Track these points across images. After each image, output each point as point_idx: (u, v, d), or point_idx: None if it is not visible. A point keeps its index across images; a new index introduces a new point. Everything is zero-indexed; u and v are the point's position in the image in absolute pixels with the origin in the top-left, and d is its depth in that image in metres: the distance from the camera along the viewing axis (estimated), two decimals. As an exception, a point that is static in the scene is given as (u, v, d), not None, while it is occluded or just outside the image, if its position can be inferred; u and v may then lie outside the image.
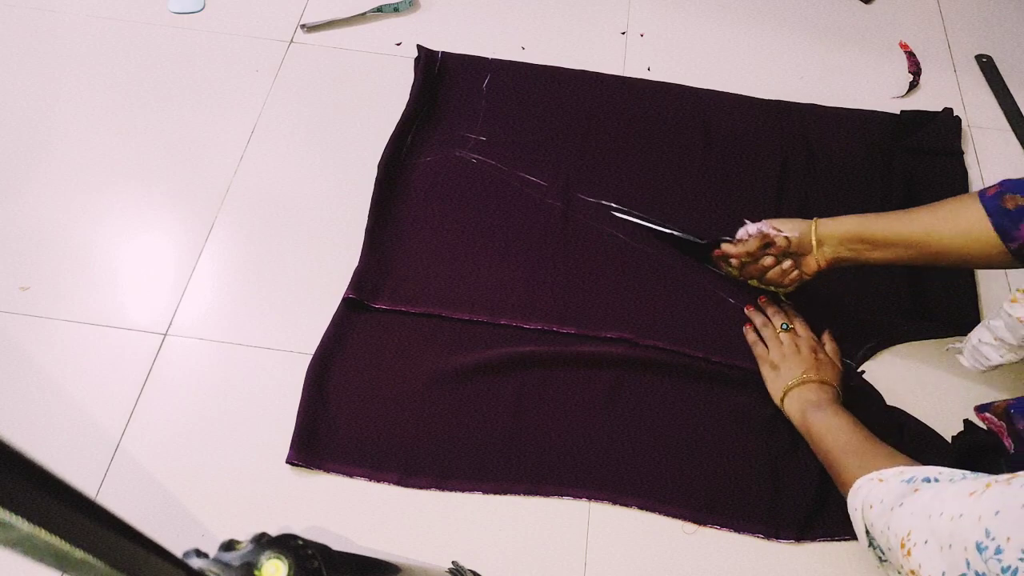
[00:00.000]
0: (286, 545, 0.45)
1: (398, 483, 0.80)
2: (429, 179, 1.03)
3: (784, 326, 0.89)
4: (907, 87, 1.18)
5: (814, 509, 0.80)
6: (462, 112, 1.11)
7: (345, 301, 0.91)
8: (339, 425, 0.84)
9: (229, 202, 1.01)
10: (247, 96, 1.11)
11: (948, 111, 1.12)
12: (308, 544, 0.46)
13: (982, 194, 0.76)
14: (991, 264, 0.78)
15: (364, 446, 0.82)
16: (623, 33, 1.23)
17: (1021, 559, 0.48)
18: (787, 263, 0.88)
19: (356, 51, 1.17)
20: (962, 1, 1.31)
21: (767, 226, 0.87)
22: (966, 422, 0.85)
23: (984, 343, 0.82)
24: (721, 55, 1.21)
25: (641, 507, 0.80)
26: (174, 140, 1.06)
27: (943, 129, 1.11)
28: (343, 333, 0.90)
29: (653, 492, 0.81)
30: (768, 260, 0.89)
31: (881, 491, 0.63)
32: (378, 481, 0.80)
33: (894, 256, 0.82)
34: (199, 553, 0.43)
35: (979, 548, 0.50)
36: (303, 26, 1.19)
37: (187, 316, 0.91)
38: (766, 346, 0.89)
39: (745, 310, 0.93)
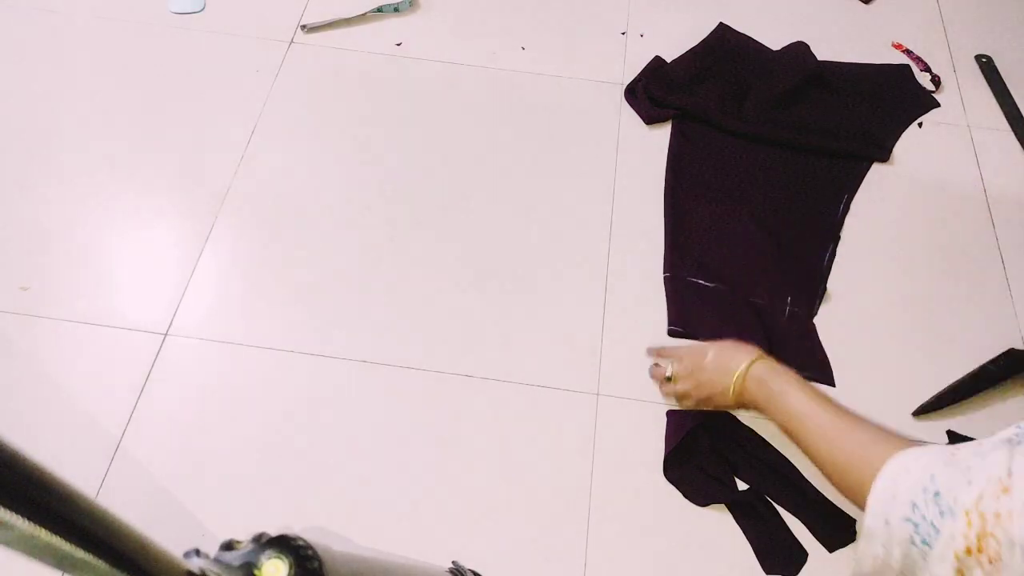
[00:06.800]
0: (286, 545, 0.45)
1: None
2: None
3: (668, 376, 0.84)
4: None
5: None
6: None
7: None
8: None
9: (229, 202, 1.01)
10: (247, 96, 1.11)
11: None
12: (308, 544, 0.46)
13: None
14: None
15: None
16: (623, 33, 1.23)
17: None
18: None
19: (356, 51, 1.17)
20: (962, 1, 1.31)
21: None
22: (949, 433, 0.86)
23: None
24: (721, 55, 1.21)
25: None
26: (174, 140, 1.06)
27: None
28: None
29: None
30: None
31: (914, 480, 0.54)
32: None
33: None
34: (199, 553, 0.43)
35: None
36: (303, 26, 1.19)
37: (187, 316, 0.91)
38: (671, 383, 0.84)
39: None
